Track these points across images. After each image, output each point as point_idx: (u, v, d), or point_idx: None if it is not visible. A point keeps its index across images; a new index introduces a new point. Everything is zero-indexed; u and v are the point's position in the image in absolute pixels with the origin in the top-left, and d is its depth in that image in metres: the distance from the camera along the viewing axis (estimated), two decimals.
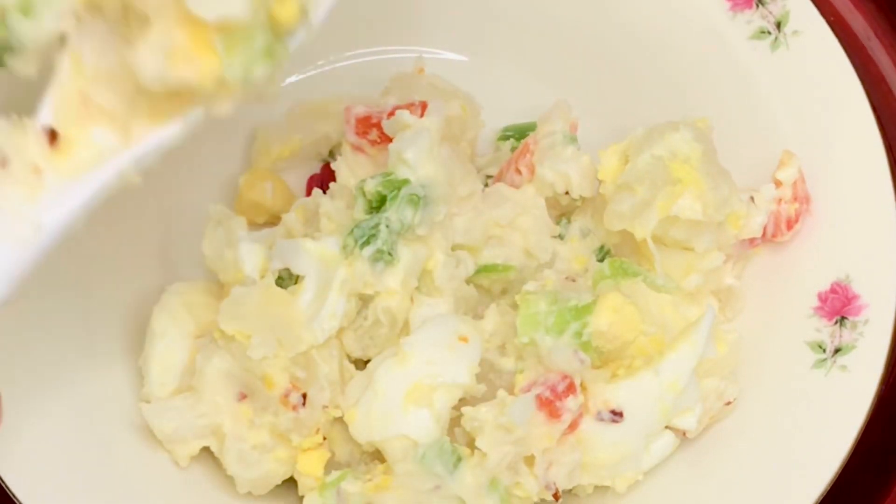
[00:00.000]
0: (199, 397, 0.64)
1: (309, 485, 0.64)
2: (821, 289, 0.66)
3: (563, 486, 0.63)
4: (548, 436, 0.61)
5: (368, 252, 0.63)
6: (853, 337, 0.65)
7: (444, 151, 0.65)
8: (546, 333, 0.62)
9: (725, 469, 0.65)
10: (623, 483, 0.64)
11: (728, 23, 0.71)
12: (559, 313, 0.62)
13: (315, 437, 0.63)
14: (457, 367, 0.62)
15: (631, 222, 0.65)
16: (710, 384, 0.65)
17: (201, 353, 0.64)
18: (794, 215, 0.68)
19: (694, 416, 0.64)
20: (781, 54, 0.70)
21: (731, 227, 0.67)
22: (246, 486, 0.64)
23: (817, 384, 0.64)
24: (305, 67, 0.77)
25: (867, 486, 0.67)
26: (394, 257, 0.63)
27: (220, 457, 0.64)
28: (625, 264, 0.65)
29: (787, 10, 0.70)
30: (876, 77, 0.74)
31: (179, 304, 0.67)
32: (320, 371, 0.63)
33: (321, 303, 0.62)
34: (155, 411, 0.64)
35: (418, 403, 0.61)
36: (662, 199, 0.64)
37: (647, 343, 0.64)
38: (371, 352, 0.65)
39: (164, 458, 0.65)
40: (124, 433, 0.64)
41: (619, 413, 0.63)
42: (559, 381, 0.62)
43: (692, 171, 0.64)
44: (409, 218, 0.63)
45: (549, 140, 0.70)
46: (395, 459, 0.61)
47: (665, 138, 0.66)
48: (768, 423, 0.65)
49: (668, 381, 0.63)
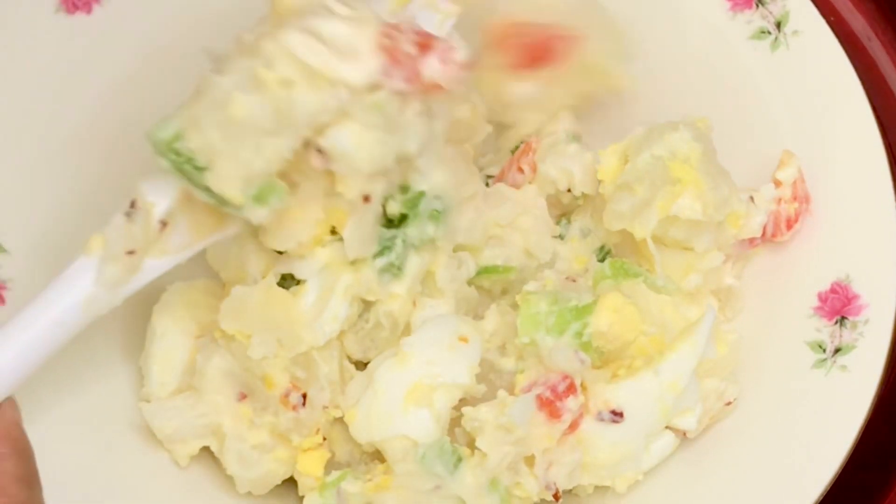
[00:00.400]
0: (199, 397, 0.64)
1: (309, 485, 0.64)
2: (821, 289, 0.66)
3: (563, 487, 0.63)
4: (548, 436, 0.61)
5: (380, 263, 0.63)
6: (853, 337, 0.65)
7: (450, 152, 0.65)
8: (547, 333, 0.62)
9: (725, 469, 0.65)
10: (623, 483, 0.64)
11: (728, 23, 0.71)
12: (560, 313, 0.62)
13: (315, 437, 0.63)
14: (457, 367, 0.62)
15: (630, 222, 0.65)
16: (711, 384, 0.65)
17: (201, 352, 0.64)
18: (793, 215, 0.68)
19: (694, 416, 0.64)
20: (781, 54, 0.70)
21: (731, 227, 0.67)
22: (246, 486, 0.64)
23: (817, 384, 0.64)
24: None
25: (867, 486, 0.67)
26: (402, 270, 0.63)
27: (220, 457, 0.64)
28: (626, 265, 0.65)
29: (787, 10, 0.70)
30: (876, 77, 0.74)
31: (180, 304, 0.67)
32: (320, 371, 0.63)
33: (323, 305, 0.62)
34: (155, 411, 0.64)
35: (418, 403, 0.61)
36: (662, 199, 0.64)
37: (647, 343, 0.63)
38: (371, 354, 0.65)
39: (164, 457, 0.65)
40: (124, 433, 0.64)
41: (620, 413, 0.63)
42: (560, 381, 0.62)
43: (692, 171, 0.64)
44: (431, 233, 0.63)
45: (552, 138, 0.71)
46: (395, 459, 0.61)
47: (665, 138, 0.66)
48: (768, 423, 0.65)
49: (669, 381, 0.63)
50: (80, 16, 0.67)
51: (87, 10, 0.67)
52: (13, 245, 0.64)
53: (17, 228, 0.64)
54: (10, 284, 0.63)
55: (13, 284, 0.63)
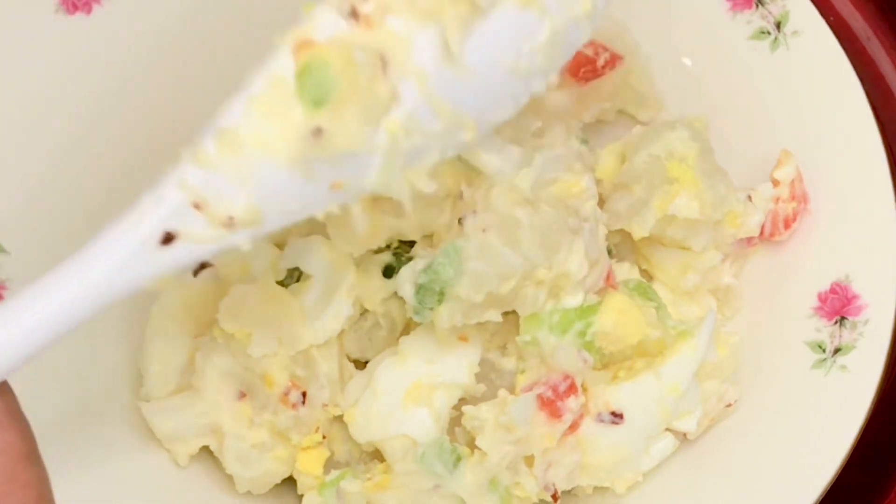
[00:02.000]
0: (198, 396, 0.64)
1: (308, 484, 0.64)
2: (820, 289, 0.66)
3: (561, 488, 0.63)
4: (548, 436, 0.61)
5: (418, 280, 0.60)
6: (853, 337, 0.65)
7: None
8: (550, 332, 0.62)
9: (725, 469, 0.65)
10: (622, 484, 0.64)
11: (728, 23, 0.71)
12: (564, 312, 0.62)
13: (314, 435, 0.63)
14: (457, 366, 0.62)
15: (628, 222, 0.65)
16: (711, 386, 0.65)
17: (201, 351, 0.64)
18: (791, 214, 0.68)
19: (694, 418, 0.64)
20: (781, 54, 0.70)
21: (729, 226, 0.67)
22: (245, 485, 0.64)
23: (817, 384, 0.64)
24: None
25: (867, 486, 0.67)
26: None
27: (220, 456, 0.64)
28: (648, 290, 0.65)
29: (787, 11, 0.70)
30: (876, 77, 0.74)
31: (178, 303, 0.67)
32: (320, 369, 0.63)
33: (325, 304, 0.62)
34: (154, 410, 0.64)
35: (418, 402, 0.61)
36: (659, 199, 0.64)
37: (649, 344, 0.63)
38: (369, 353, 0.65)
39: (163, 457, 0.65)
40: (124, 432, 0.64)
41: (620, 415, 0.63)
42: (561, 381, 0.62)
43: (688, 171, 0.64)
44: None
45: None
46: (394, 459, 0.61)
47: (662, 137, 0.66)
48: (768, 423, 0.65)
49: (669, 383, 0.63)
50: (80, 16, 0.67)
51: (87, 10, 0.67)
52: (13, 245, 0.64)
53: (17, 228, 0.64)
54: (9, 284, 0.63)
55: (13, 284, 0.63)
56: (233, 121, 0.44)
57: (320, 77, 0.44)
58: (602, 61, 0.70)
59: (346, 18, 0.44)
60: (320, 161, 0.45)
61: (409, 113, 0.45)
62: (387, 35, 0.44)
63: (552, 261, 0.60)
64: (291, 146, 0.44)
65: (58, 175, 0.66)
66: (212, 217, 0.45)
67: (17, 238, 0.64)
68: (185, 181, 0.45)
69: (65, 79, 0.67)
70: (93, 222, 0.59)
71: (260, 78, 0.45)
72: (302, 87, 0.44)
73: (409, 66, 0.44)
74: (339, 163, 0.45)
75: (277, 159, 0.44)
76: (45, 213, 0.66)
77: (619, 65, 0.70)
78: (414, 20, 0.44)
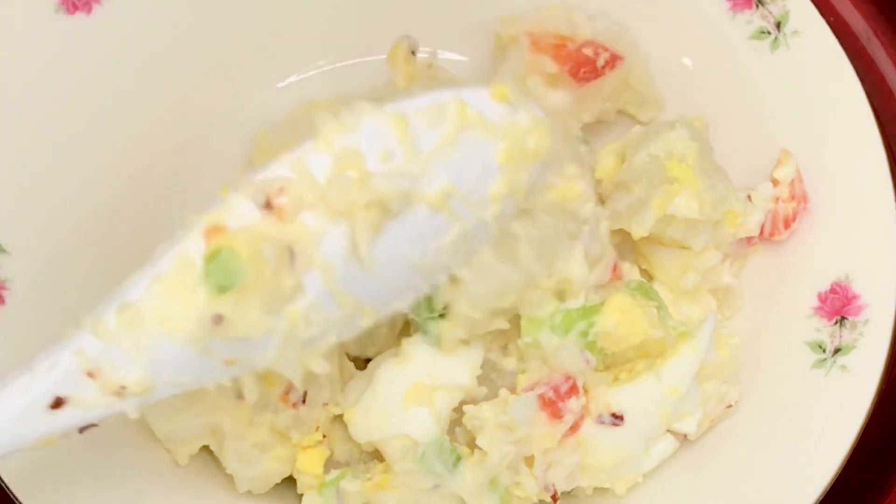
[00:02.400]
0: (198, 396, 0.64)
1: (308, 483, 0.64)
2: (820, 289, 0.66)
3: (561, 488, 0.63)
4: (549, 436, 0.61)
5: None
6: (853, 337, 0.65)
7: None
8: (552, 333, 0.62)
9: (725, 469, 0.65)
10: (622, 485, 0.64)
11: (728, 23, 0.71)
12: (566, 313, 0.62)
13: (315, 434, 0.63)
14: (459, 369, 0.62)
15: (628, 221, 0.65)
16: (712, 387, 0.65)
17: None
18: (791, 214, 0.68)
19: (694, 420, 0.64)
20: (781, 54, 0.70)
21: (729, 226, 0.67)
22: (245, 485, 0.64)
23: (817, 384, 0.64)
24: (305, 67, 0.77)
25: (867, 486, 0.67)
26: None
27: (220, 455, 0.64)
28: (650, 291, 0.65)
29: (787, 10, 0.70)
30: (876, 77, 0.74)
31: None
32: None
33: None
34: (154, 410, 0.64)
35: (418, 403, 0.61)
36: (659, 198, 0.64)
37: (650, 345, 0.63)
38: (369, 351, 0.65)
39: (163, 456, 0.65)
40: (124, 432, 0.64)
41: (620, 416, 0.63)
42: (562, 381, 0.62)
43: (688, 170, 0.65)
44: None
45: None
46: (394, 458, 0.61)
47: (661, 137, 0.66)
48: (768, 423, 0.65)
49: (670, 385, 0.63)
50: (80, 16, 0.67)
51: (87, 10, 0.67)
52: (13, 245, 0.64)
53: (17, 228, 0.64)
54: (9, 284, 0.63)
55: (13, 284, 0.63)
56: (136, 295, 0.46)
57: (228, 265, 0.46)
58: (602, 61, 0.70)
59: (260, 208, 0.46)
60: (217, 341, 0.47)
61: (312, 303, 0.47)
62: (298, 229, 0.46)
63: (552, 268, 0.60)
64: (191, 328, 0.46)
65: (58, 175, 0.66)
66: (104, 386, 0.48)
67: (18, 238, 0.64)
68: (82, 350, 0.47)
69: (65, 78, 0.67)
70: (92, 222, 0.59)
71: (168, 256, 0.46)
72: (209, 272, 0.46)
73: (316, 260, 0.47)
74: (236, 343, 0.47)
75: (176, 338, 0.46)
76: (45, 214, 0.66)
77: (619, 65, 0.70)
78: (326, 217, 0.46)
